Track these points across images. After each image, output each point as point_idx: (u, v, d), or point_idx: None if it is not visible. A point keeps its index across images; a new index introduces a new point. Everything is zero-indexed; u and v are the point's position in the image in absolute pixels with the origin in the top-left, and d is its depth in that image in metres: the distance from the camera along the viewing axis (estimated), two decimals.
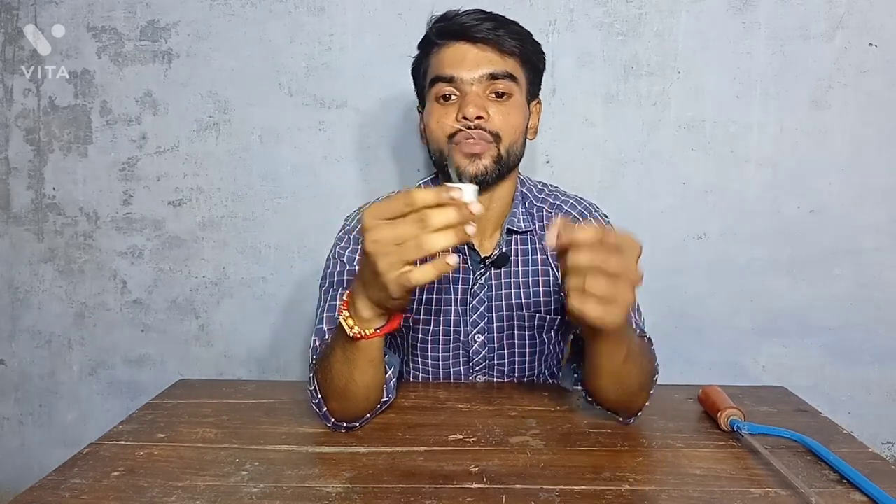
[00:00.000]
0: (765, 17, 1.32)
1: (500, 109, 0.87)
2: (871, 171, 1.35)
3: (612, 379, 0.76)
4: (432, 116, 0.89)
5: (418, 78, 0.96)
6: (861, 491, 0.64)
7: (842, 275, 1.38)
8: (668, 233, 1.39)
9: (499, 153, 0.87)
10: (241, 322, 1.47)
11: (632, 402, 0.79)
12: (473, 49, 0.87)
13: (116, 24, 1.39)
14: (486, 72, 0.86)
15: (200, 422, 0.83)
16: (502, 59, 0.88)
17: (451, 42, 0.88)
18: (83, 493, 0.64)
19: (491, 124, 0.86)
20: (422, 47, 0.95)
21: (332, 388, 0.75)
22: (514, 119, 0.88)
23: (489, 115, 0.86)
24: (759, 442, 0.73)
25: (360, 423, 0.79)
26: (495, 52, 0.87)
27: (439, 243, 0.58)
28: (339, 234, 0.98)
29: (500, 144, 0.87)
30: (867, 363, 1.40)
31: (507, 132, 0.87)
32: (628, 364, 0.74)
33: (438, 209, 0.58)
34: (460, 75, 0.86)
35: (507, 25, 0.88)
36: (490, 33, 0.86)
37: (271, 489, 0.65)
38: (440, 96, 0.89)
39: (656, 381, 0.83)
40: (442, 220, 0.58)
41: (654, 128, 1.36)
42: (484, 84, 0.87)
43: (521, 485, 0.66)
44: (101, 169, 1.43)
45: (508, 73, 0.87)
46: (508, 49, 0.87)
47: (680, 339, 1.41)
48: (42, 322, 1.48)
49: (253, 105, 1.40)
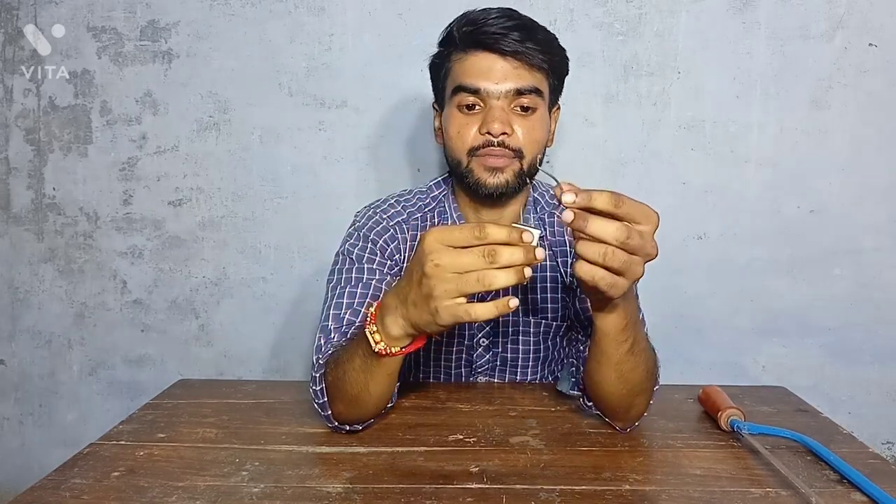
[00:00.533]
0: (765, 17, 1.32)
1: (525, 125, 0.85)
2: (871, 171, 1.35)
3: (616, 372, 0.73)
4: (452, 124, 0.87)
5: (437, 78, 0.93)
6: (861, 491, 0.64)
7: (842, 275, 1.38)
8: (668, 233, 1.38)
9: (521, 168, 0.86)
10: (241, 322, 1.47)
11: (632, 403, 0.77)
12: (501, 61, 0.84)
13: (116, 24, 1.39)
14: (512, 87, 0.84)
15: (200, 422, 0.83)
16: (530, 74, 0.85)
17: (478, 51, 0.85)
18: (83, 493, 0.64)
19: (514, 141, 0.85)
20: (444, 46, 0.91)
21: (344, 393, 0.74)
22: (537, 134, 0.87)
23: (513, 130, 0.84)
24: (759, 442, 0.73)
25: (363, 426, 0.79)
26: (523, 67, 0.84)
27: (500, 280, 0.57)
28: (349, 230, 0.96)
29: (523, 160, 0.86)
30: (867, 363, 1.40)
31: (530, 148, 0.86)
32: (633, 355, 0.72)
33: (508, 247, 0.57)
34: (486, 88, 0.84)
35: (535, 34, 0.85)
36: (519, 45, 0.83)
37: (271, 489, 0.65)
38: (463, 105, 0.86)
39: (657, 390, 0.80)
40: (509, 258, 0.57)
41: (654, 128, 1.36)
42: (509, 98, 0.84)
43: (522, 485, 0.66)
44: (101, 169, 1.43)
45: (535, 87, 0.85)
46: (537, 63, 0.85)
47: (680, 339, 1.41)
48: (42, 322, 1.48)
49: (253, 105, 1.40)
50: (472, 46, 0.85)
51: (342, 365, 0.74)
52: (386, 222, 0.94)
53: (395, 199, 0.99)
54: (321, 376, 0.77)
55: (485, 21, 0.84)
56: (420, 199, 0.98)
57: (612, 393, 0.76)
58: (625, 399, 0.76)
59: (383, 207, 0.97)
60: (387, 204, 0.98)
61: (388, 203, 0.98)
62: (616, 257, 0.57)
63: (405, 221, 0.95)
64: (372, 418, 0.79)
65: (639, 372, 0.74)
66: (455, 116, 0.87)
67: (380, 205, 0.98)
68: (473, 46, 0.85)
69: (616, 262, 0.57)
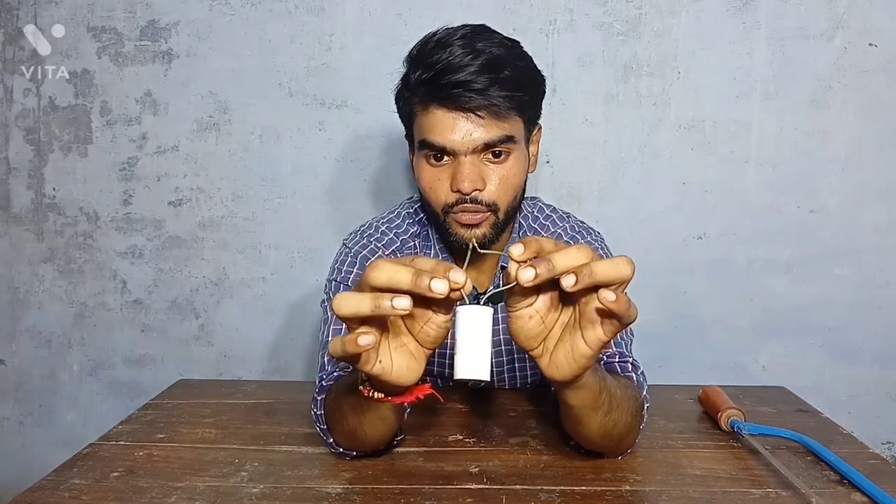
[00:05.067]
0: (765, 17, 1.32)
1: (498, 173, 0.80)
2: (871, 171, 1.35)
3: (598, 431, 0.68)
4: (423, 177, 0.83)
5: (403, 114, 0.87)
6: (861, 491, 0.64)
7: (842, 275, 1.38)
8: (668, 233, 1.39)
9: (496, 219, 0.82)
10: (241, 322, 1.47)
11: (619, 446, 0.73)
12: (464, 120, 0.77)
13: (116, 24, 1.39)
14: (481, 141, 0.77)
15: (200, 422, 0.83)
16: (498, 125, 0.78)
17: (439, 108, 0.78)
18: (83, 493, 0.64)
19: (487, 195, 0.80)
20: (405, 85, 0.84)
21: (341, 427, 0.71)
22: (512, 181, 0.82)
23: (485, 184, 0.80)
24: (759, 442, 0.73)
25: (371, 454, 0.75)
26: (490, 118, 0.77)
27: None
28: (341, 255, 0.93)
29: (498, 212, 0.82)
30: (867, 363, 1.40)
31: (505, 198, 0.82)
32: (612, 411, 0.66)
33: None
34: (453, 147, 0.78)
35: (500, 72, 0.76)
36: (482, 98, 0.75)
37: (271, 490, 0.65)
38: (430, 156, 0.81)
39: (646, 414, 0.76)
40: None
41: (654, 128, 1.36)
42: (479, 153, 0.79)
43: (521, 485, 0.66)
44: (101, 169, 1.43)
45: (506, 136, 0.79)
46: (505, 110, 0.77)
47: (680, 339, 1.41)
48: (42, 322, 1.48)
49: (253, 105, 1.40)
50: (432, 101, 0.78)
51: (339, 397, 0.71)
52: (381, 251, 0.91)
53: (384, 225, 0.95)
54: (322, 401, 0.74)
55: (444, 68, 0.76)
56: (410, 226, 0.95)
57: (598, 444, 0.72)
58: (612, 445, 0.73)
59: (377, 235, 0.93)
60: (379, 232, 0.94)
61: (379, 231, 0.94)
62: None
63: (399, 250, 0.92)
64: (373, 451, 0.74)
65: (622, 422, 0.69)
66: (424, 169, 0.83)
67: (372, 232, 0.94)
68: (434, 101, 0.78)
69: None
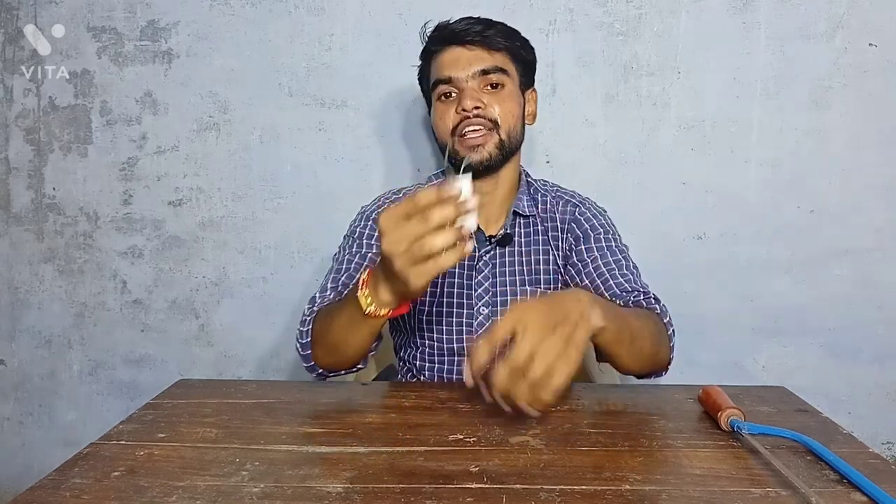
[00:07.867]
0: (765, 18, 1.32)
1: (496, 98, 0.96)
2: (871, 171, 1.35)
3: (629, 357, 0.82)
4: (436, 113, 1.00)
5: (423, 83, 1.07)
6: (861, 491, 0.64)
7: (842, 275, 1.38)
8: (668, 233, 1.39)
9: (500, 139, 0.96)
10: (241, 322, 1.47)
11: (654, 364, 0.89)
12: (465, 51, 0.97)
13: (116, 24, 1.39)
14: (478, 69, 0.96)
15: (200, 422, 0.83)
16: (492, 56, 0.98)
17: (446, 47, 0.99)
18: (83, 493, 0.64)
19: (488, 112, 0.95)
20: (422, 57, 1.05)
21: (326, 341, 0.86)
22: (509, 105, 0.97)
23: (485, 104, 0.95)
24: (759, 442, 0.73)
25: (332, 375, 0.92)
26: (485, 51, 0.97)
27: (439, 242, 0.64)
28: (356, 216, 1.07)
29: (500, 130, 0.96)
30: (867, 363, 1.40)
31: (505, 117, 0.96)
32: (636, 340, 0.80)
33: (438, 207, 0.63)
34: (456, 75, 0.97)
35: (494, 26, 0.98)
36: (478, 35, 0.96)
37: (271, 489, 0.65)
38: (442, 95, 0.99)
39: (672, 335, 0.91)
40: (440, 217, 0.63)
41: (654, 128, 1.36)
42: (478, 79, 0.96)
43: (522, 485, 0.66)
44: (101, 169, 1.43)
45: (498, 67, 0.97)
46: (497, 46, 0.98)
47: (680, 339, 1.40)
48: (42, 322, 1.48)
49: (253, 105, 1.40)
50: (441, 44, 1.00)
51: (330, 316, 0.86)
52: (388, 205, 1.02)
53: (397, 189, 1.11)
54: (310, 320, 0.89)
55: (448, 23, 1.00)
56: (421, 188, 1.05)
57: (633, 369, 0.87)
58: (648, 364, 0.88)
59: (388, 196, 1.08)
60: (391, 192, 1.09)
61: (391, 192, 1.09)
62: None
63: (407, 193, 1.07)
64: (342, 369, 0.90)
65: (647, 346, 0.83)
66: (437, 107, 1.00)
67: (385, 194, 1.09)
68: (441, 44, 1.00)
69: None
